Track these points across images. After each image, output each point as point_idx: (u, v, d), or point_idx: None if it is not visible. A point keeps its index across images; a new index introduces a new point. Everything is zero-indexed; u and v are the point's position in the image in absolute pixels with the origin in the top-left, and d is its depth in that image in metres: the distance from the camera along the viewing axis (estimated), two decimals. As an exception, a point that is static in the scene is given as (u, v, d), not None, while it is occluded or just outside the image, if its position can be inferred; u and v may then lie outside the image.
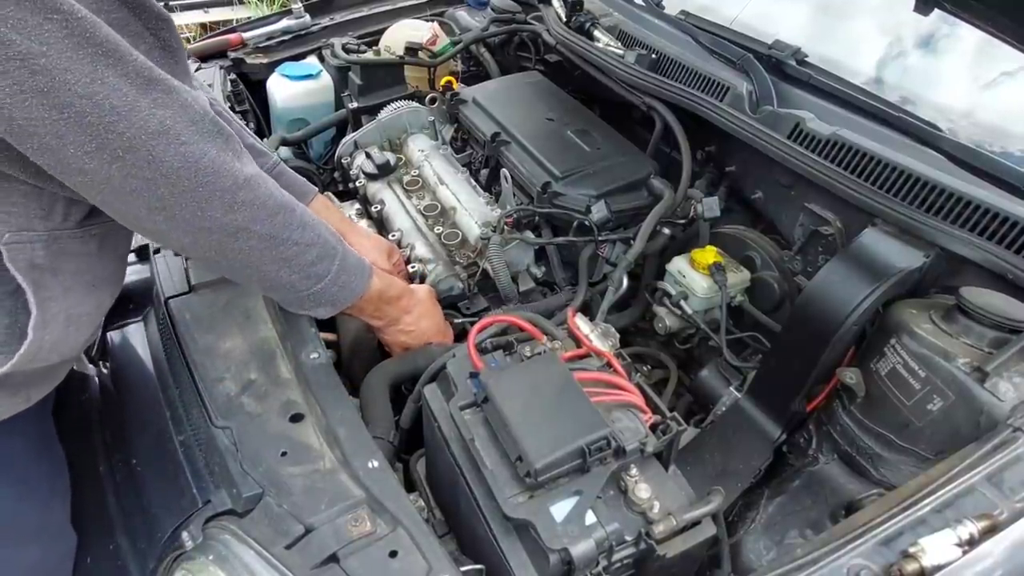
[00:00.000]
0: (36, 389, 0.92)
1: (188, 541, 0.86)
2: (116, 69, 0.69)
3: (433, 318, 1.24)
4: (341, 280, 1.00)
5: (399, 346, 1.22)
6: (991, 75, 1.42)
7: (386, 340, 1.22)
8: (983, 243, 1.06)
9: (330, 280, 0.98)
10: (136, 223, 0.82)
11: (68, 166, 0.71)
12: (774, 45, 1.47)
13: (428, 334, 1.22)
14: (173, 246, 0.94)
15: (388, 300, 1.12)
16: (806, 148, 1.27)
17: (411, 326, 1.19)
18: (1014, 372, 0.93)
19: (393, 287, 1.14)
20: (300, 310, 1.03)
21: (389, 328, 1.17)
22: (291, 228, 0.90)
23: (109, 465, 1.05)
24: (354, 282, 1.03)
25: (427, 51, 1.98)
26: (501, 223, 1.42)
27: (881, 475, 1.06)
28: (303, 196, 1.25)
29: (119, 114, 0.69)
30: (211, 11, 3.99)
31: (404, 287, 1.18)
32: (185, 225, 0.80)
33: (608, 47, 1.67)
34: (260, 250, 0.88)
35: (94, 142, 0.69)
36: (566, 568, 0.77)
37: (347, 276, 1.01)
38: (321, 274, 0.96)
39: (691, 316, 1.40)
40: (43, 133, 0.67)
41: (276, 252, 0.89)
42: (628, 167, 1.54)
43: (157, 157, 0.73)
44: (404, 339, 1.20)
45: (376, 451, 0.93)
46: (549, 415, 0.82)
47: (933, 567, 0.69)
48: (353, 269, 1.02)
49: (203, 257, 0.89)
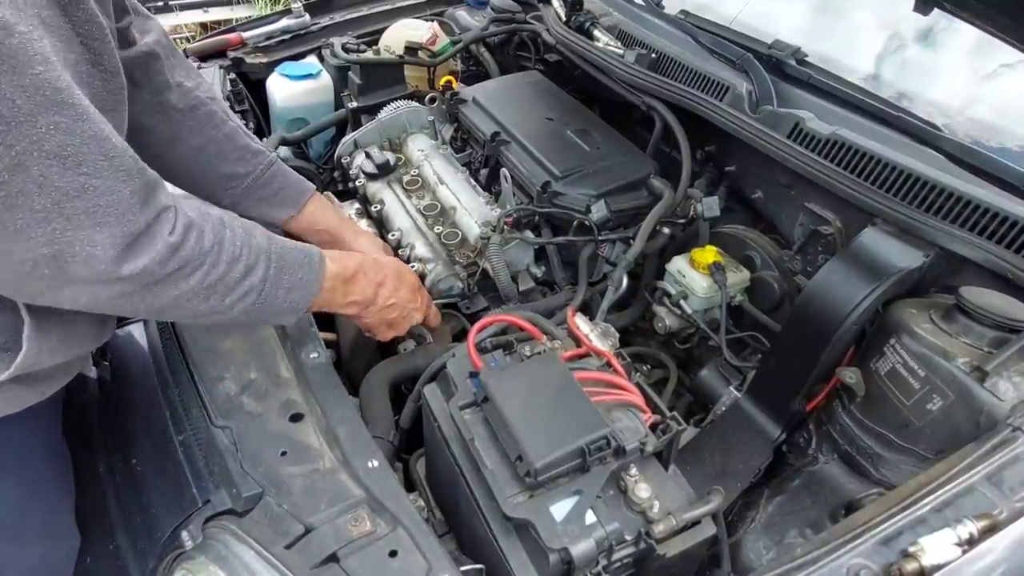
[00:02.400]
0: (50, 383, 0.91)
1: (188, 541, 0.86)
2: (11, 78, 0.61)
3: (408, 281, 1.14)
4: (286, 282, 0.90)
5: (387, 327, 1.13)
6: (991, 67, 1.42)
7: (370, 325, 1.12)
8: (983, 243, 1.06)
9: (271, 287, 0.88)
10: (16, 275, 0.70)
11: None
12: (774, 45, 1.47)
13: (410, 302, 1.13)
14: (64, 302, 0.75)
15: (351, 279, 1.02)
16: (806, 148, 1.27)
17: (391, 298, 1.09)
18: (1014, 372, 0.93)
19: (350, 262, 1.03)
20: (264, 323, 0.97)
21: (369, 310, 1.08)
22: (205, 253, 0.80)
23: (109, 465, 1.05)
24: (305, 277, 0.93)
25: (427, 51, 1.98)
26: (501, 223, 1.42)
27: (881, 475, 1.06)
28: (301, 194, 1.23)
29: (7, 123, 0.61)
30: (211, 11, 3.99)
31: (361, 258, 1.06)
32: None
33: (608, 47, 1.67)
34: (177, 289, 0.79)
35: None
36: (566, 568, 0.77)
37: (293, 275, 0.91)
38: (256, 285, 0.86)
39: (691, 316, 1.40)
40: None
41: (193, 283, 0.79)
42: (628, 167, 1.54)
43: (50, 182, 0.65)
44: (390, 316, 1.11)
45: (376, 451, 0.93)
46: (549, 415, 0.82)
47: (933, 566, 0.70)
48: (297, 264, 0.92)
49: (107, 309, 0.78)
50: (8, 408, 0.86)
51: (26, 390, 0.87)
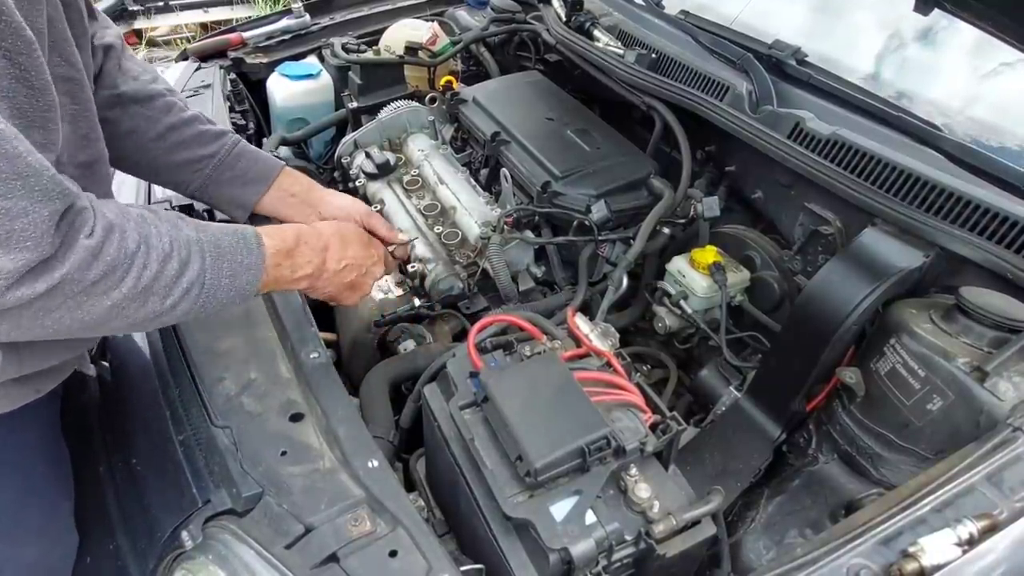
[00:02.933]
0: (45, 381, 0.90)
1: (188, 541, 0.86)
2: None
3: (354, 238, 1.08)
4: (227, 269, 0.85)
5: (349, 290, 1.08)
6: (991, 65, 1.42)
7: (332, 294, 1.07)
8: (983, 243, 1.06)
9: (211, 278, 0.83)
10: None
11: None
12: (774, 45, 1.47)
13: (364, 258, 1.08)
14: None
15: (294, 251, 0.97)
16: (806, 148, 1.27)
17: (342, 261, 1.04)
18: (1014, 372, 0.93)
19: (287, 234, 0.97)
20: (214, 315, 0.91)
21: (323, 279, 1.02)
22: (131, 254, 0.74)
23: (109, 465, 1.05)
24: (245, 260, 0.87)
25: (427, 51, 1.98)
26: (501, 223, 1.42)
27: (881, 475, 1.06)
28: (269, 171, 1.20)
29: None
30: (211, 11, 3.99)
31: (298, 228, 1.01)
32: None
33: (608, 47, 1.67)
34: (108, 299, 0.73)
35: None
36: (566, 567, 0.77)
37: (232, 260, 0.85)
38: (196, 279, 0.81)
39: (691, 316, 1.40)
40: None
41: (126, 290, 0.74)
42: (628, 167, 1.54)
43: None
44: (348, 278, 1.05)
45: (376, 451, 0.93)
46: (549, 415, 0.82)
47: (933, 567, 0.70)
48: (233, 249, 0.86)
49: (38, 334, 0.72)
50: (2, 406, 0.86)
51: (20, 388, 0.86)
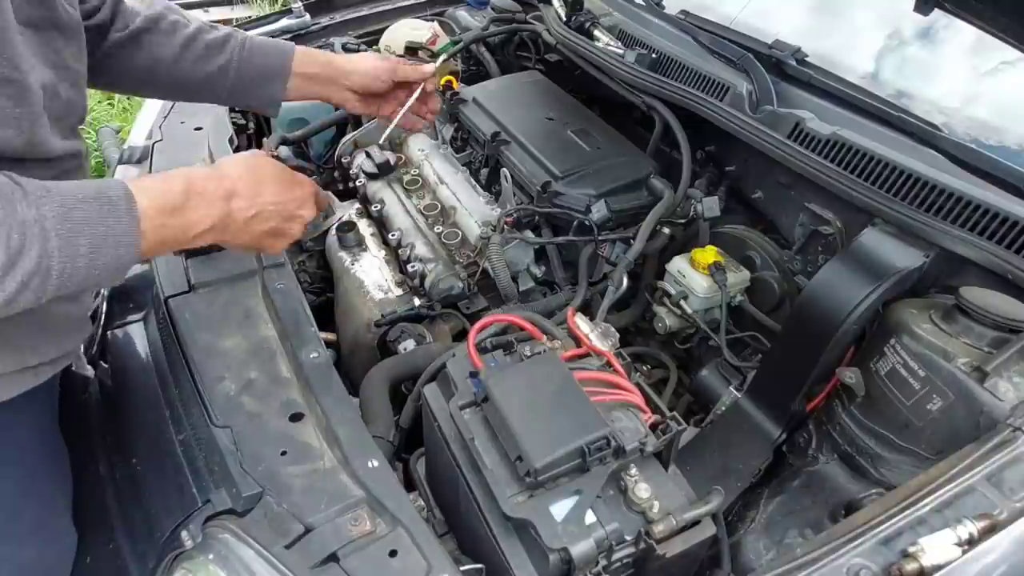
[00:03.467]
0: (43, 368, 0.90)
1: (188, 540, 0.86)
2: None
3: (270, 176, 0.91)
4: (84, 247, 0.69)
5: (272, 238, 0.93)
6: (991, 64, 1.42)
7: (249, 244, 0.91)
8: (983, 243, 1.06)
9: (61, 262, 0.67)
10: None
11: None
12: (774, 45, 1.47)
13: (285, 202, 0.91)
14: None
15: (183, 207, 0.79)
16: (806, 148, 1.27)
17: (252, 208, 0.87)
18: (1014, 372, 0.93)
19: (173, 185, 0.79)
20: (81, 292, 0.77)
21: (229, 233, 0.86)
22: None
23: (109, 465, 1.05)
24: (112, 229, 0.71)
25: (427, 51, 1.98)
26: (501, 223, 1.42)
27: (881, 475, 1.06)
28: (283, 64, 1.16)
29: None
30: (211, 11, 3.99)
31: (188, 174, 0.82)
32: None
33: (608, 47, 1.67)
34: None
35: None
36: (566, 567, 0.77)
37: (91, 232, 0.69)
38: (35, 269, 0.66)
39: (691, 316, 1.40)
40: None
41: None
42: (628, 167, 1.54)
43: None
44: (266, 226, 0.90)
45: (376, 451, 0.93)
46: (549, 415, 0.82)
47: (933, 567, 0.70)
48: (91, 218, 0.70)
49: None
50: (4, 392, 0.85)
51: (17, 373, 0.86)
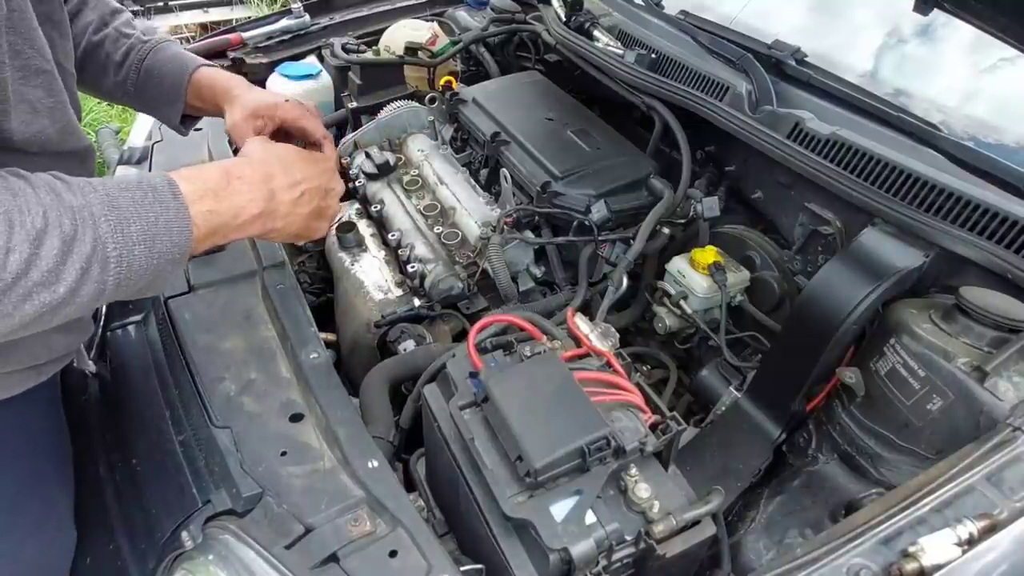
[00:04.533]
0: (46, 366, 0.90)
1: (188, 541, 0.86)
2: None
3: (296, 157, 0.90)
4: (137, 233, 0.67)
5: (316, 219, 0.92)
6: (990, 60, 1.42)
7: (296, 234, 0.90)
8: (983, 243, 1.06)
9: (118, 250, 0.66)
10: None
11: None
12: (774, 45, 1.47)
13: (318, 175, 0.91)
14: None
15: (227, 189, 0.78)
16: (806, 148, 1.27)
17: (294, 186, 0.86)
18: (1014, 372, 0.93)
19: (211, 172, 0.78)
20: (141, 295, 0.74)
21: (280, 215, 0.84)
22: None
23: (109, 465, 1.05)
24: (162, 216, 0.69)
25: (427, 51, 1.98)
26: (501, 223, 1.42)
27: (881, 475, 1.06)
28: (184, 68, 1.12)
29: None
30: (211, 11, 3.99)
31: (221, 163, 0.83)
32: None
33: (608, 47, 1.67)
34: None
35: None
36: (566, 568, 0.77)
37: (143, 220, 0.68)
38: (91, 253, 0.64)
39: (691, 316, 1.40)
40: None
41: None
42: (628, 167, 1.54)
43: None
44: (310, 206, 0.89)
45: (376, 451, 0.93)
46: (549, 415, 0.82)
47: (933, 566, 0.70)
48: (139, 204, 0.68)
49: None
50: (6, 390, 0.85)
51: (19, 371, 0.86)
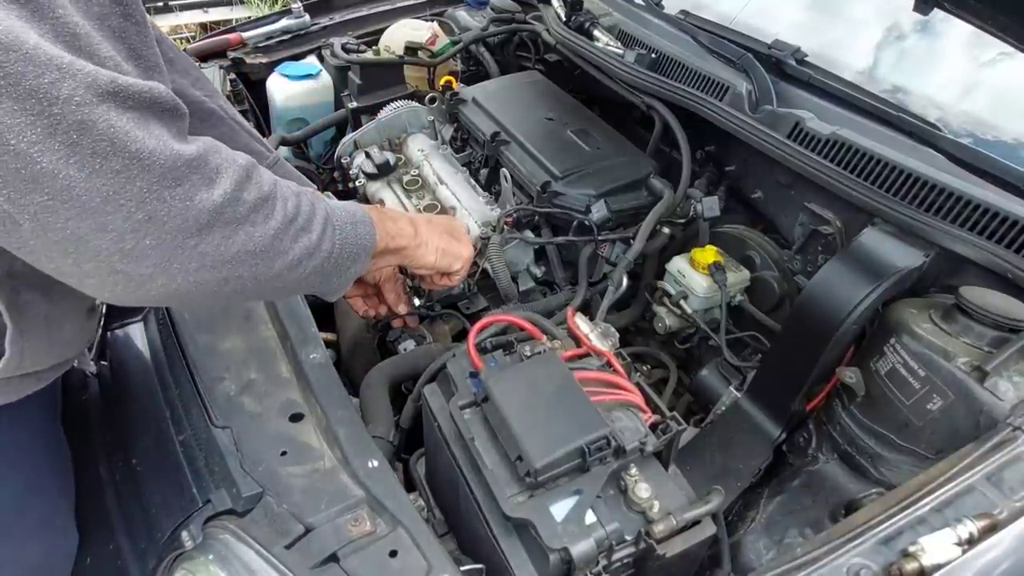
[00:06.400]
0: (46, 373, 0.90)
1: (188, 541, 0.86)
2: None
3: (439, 221, 1.11)
4: (340, 214, 0.85)
5: (454, 245, 1.09)
6: (990, 55, 1.42)
7: (441, 245, 1.08)
8: (983, 243, 1.06)
9: (338, 218, 0.83)
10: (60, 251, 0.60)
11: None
12: (774, 44, 1.47)
13: (451, 227, 1.12)
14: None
15: (384, 215, 1.00)
16: (806, 148, 1.27)
17: (431, 235, 1.06)
18: (1014, 371, 0.93)
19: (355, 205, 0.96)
20: (343, 270, 0.87)
21: (422, 233, 1.04)
22: (272, 183, 0.74)
23: (109, 465, 1.05)
24: (349, 208, 0.89)
25: (427, 51, 1.98)
26: (501, 223, 1.42)
27: (881, 474, 1.06)
28: None
29: None
30: (211, 11, 3.99)
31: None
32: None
33: (608, 47, 1.67)
34: (271, 228, 0.71)
35: None
36: (566, 567, 0.77)
37: (341, 208, 0.86)
38: (327, 217, 0.81)
39: (691, 316, 1.40)
40: None
41: (279, 219, 0.73)
42: (628, 167, 1.54)
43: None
44: (441, 237, 1.08)
45: (376, 451, 0.93)
46: (549, 414, 0.82)
47: (933, 566, 0.70)
48: (339, 205, 0.87)
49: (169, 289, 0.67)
50: (5, 397, 0.85)
51: (20, 378, 0.86)
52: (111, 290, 0.65)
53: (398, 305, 1.28)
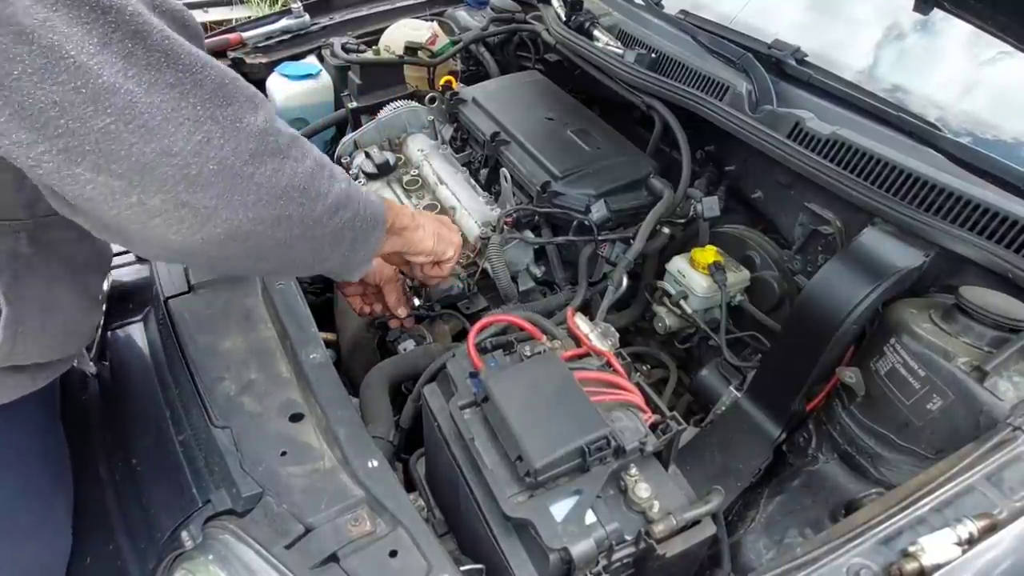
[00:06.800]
0: (41, 372, 0.90)
1: (188, 541, 0.86)
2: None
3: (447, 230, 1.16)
4: (356, 193, 0.87)
5: (446, 233, 1.14)
6: (990, 53, 1.42)
7: (436, 231, 1.13)
8: (983, 243, 1.06)
9: (359, 193, 0.86)
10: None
11: None
12: (774, 44, 1.47)
13: (439, 217, 1.16)
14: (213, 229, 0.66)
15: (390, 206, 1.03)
16: (806, 147, 1.27)
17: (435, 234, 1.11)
18: (1013, 371, 0.93)
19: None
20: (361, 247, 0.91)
21: (417, 220, 1.08)
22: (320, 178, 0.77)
23: (109, 465, 1.05)
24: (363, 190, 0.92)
25: (427, 51, 1.98)
26: (501, 223, 1.42)
27: (881, 474, 1.06)
28: None
29: None
30: (211, 11, 4.00)
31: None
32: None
33: (608, 47, 1.67)
34: (302, 169, 0.73)
35: None
36: (566, 567, 0.77)
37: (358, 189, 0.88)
38: (346, 184, 0.83)
39: (691, 315, 1.40)
40: None
41: (310, 164, 0.75)
42: (628, 167, 1.54)
43: None
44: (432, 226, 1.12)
45: (376, 451, 0.93)
46: (549, 414, 0.82)
47: (933, 566, 0.70)
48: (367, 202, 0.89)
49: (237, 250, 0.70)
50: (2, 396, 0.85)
51: (15, 376, 0.86)
52: (176, 229, 0.63)
53: (399, 307, 1.29)
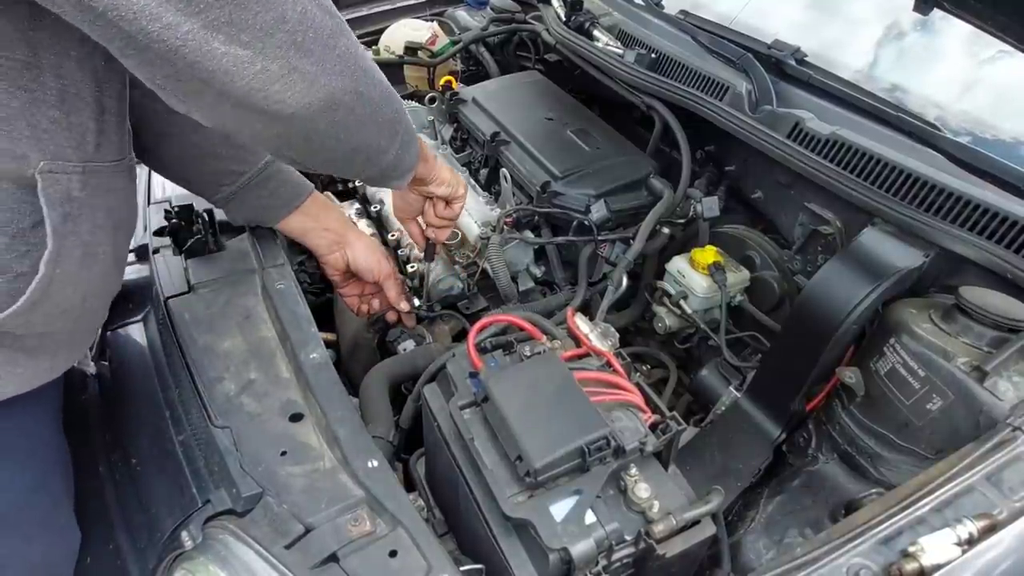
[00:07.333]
0: (58, 356, 0.90)
1: (188, 541, 0.86)
2: None
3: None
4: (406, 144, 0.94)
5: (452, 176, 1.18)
6: (990, 52, 1.42)
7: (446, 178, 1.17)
8: (983, 243, 1.06)
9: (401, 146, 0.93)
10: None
11: None
12: (774, 44, 1.47)
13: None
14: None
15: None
16: (805, 148, 1.27)
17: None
18: (1013, 371, 0.93)
19: None
20: (388, 178, 0.98)
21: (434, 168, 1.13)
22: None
23: (109, 465, 1.05)
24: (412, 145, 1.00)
25: (427, 51, 1.98)
26: (501, 223, 1.42)
27: (880, 474, 1.06)
28: (298, 193, 1.22)
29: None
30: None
31: None
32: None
33: (608, 47, 1.67)
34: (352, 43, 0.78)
35: None
36: (566, 567, 0.77)
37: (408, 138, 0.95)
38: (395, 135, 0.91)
39: (691, 316, 1.40)
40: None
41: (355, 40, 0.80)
42: (628, 167, 1.54)
43: None
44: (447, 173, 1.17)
45: (376, 451, 0.93)
46: (549, 414, 0.82)
47: (932, 566, 0.70)
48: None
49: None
50: (19, 386, 0.85)
51: (32, 359, 0.85)
52: (291, 93, 0.69)
53: (400, 301, 1.29)
